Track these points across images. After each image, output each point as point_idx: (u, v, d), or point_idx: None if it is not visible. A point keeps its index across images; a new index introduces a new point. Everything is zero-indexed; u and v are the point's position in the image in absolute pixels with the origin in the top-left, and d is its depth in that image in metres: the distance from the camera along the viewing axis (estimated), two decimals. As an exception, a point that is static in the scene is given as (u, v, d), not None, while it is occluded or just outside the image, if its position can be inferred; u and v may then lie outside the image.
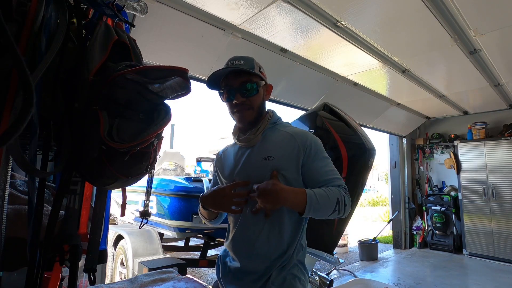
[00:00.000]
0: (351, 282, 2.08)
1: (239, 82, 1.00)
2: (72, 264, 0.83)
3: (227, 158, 1.14)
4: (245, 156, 1.05)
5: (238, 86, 1.00)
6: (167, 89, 0.80)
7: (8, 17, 0.63)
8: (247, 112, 1.02)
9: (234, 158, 1.09)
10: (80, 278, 1.43)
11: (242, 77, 1.00)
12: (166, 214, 3.25)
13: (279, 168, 0.97)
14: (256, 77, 1.02)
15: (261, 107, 1.06)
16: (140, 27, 1.97)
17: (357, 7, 2.10)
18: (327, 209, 0.92)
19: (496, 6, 2.10)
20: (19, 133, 0.51)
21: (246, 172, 1.02)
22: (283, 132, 1.06)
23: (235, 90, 1.00)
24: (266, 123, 1.06)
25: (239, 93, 0.99)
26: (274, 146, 1.02)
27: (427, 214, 5.64)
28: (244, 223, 1.01)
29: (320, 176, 0.99)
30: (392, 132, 5.80)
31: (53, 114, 0.72)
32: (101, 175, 0.78)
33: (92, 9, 0.90)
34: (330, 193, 0.93)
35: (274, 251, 0.97)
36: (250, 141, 1.03)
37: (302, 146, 1.00)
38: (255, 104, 1.02)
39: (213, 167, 1.24)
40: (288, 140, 1.02)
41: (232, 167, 1.08)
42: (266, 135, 1.06)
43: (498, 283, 3.78)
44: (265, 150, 1.02)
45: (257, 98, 1.03)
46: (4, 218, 0.63)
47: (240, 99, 0.99)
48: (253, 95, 1.01)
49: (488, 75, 3.44)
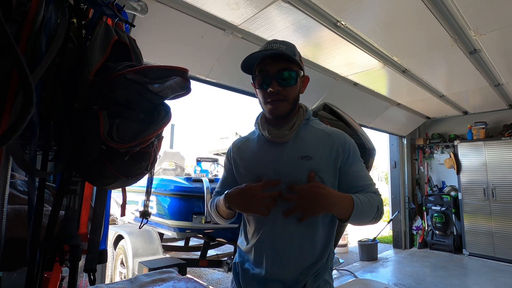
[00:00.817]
0: (351, 282, 2.08)
1: (277, 69, 0.89)
2: (72, 264, 0.83)
3: (248, 151, 1.02)
4: (275, 153, 0.94)
5: (275, 73, 0.89)
6: (167, 89, 0.80)
7: (8, 17, 0.63)
8: (281, 103, 0.91)
9: (260, 152, 0.98)
10: (80, 278, 1.43)
11: (281, 64, 0.89)
12: (166, 214, 3.25)
13: (317, 170, 0.89)
14: (296, 65, 0.91)
15: (296, 100, 0.95)
16: (140, 27, 1.97)
17: (357, 7, 2.10)
18: (368, 217, 0.88)
19: (496, 6, 2.10)
20: (19, 133, 0.51)
21: (277, 171, 0.92)
22: (318, 130, 0.97)
23: (272, 77, 0.89)
24: (302, 119, 0.96)
25: (275, 81, 0.88)
26: (311, 145, 0.92)
27: (427, 214, 5.64)
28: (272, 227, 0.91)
29: (357, 181, 0.93)
30: (392, 132, 5.80)
31: (53, 114, 0.72)
32: (101, 175, 0.78)
33: (92, 9, 0.90)
34: (372, 200, 0.88)
35: (307, 258, 0.90)
36: (285, 136, 0.93)
37: (341, 147, 0.92)
38: (290, 96, 0.92)
39: (226, 159, 1.11)
40: (326, 140, 0.93)
41: (256, 162, 0.97)
42: (300, 131, 0.96)
43: (498, 283, 3.78)
44: (301, 148, 0.92)
45: (294, 89, 0.92)
46: (4, 218, 0.63)
47: (276, 87, 0.88)
48: (290, 85, 0.90)
49: (488, 75, 3.44)
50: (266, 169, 0.94)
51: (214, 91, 18.46)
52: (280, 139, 0.93)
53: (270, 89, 0.88)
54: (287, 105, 0.92)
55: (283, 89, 0.89)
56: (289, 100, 0.92)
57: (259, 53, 0.90)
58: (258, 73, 0.92)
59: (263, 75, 0.90)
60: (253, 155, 1.00)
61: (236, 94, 3.15)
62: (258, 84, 0.93)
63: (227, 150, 1.12)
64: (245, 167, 1.00)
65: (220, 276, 4.29)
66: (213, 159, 5.22)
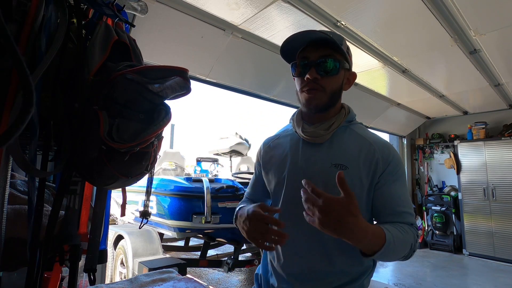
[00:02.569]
0: (351, 282, 2.07)
1: (318, 55, 0.80)
2: (72, 264, 0.83)
3: (279, 150, 0.92)
4: (308, 155, 0.85)
5: (316, 59, 0.80)
6: (167, 89, 0.80)
7: (8, 17, 0.63)
8: (317, 93, 0.81)
9: (291, 151, 0.88)
10: (80, 278, 1.43)
11: (324, 50, 0.80)
12: (166, 214, 3.25)
13: (351, 184, 0.71)
14: (341, 55, 0.83)
15: (335, 95, 0.84)
16: (140, 27, 1.97)
17: (357, 7, 2.10)
18: (397, 255, 0.73)
19: (496, 6, 2.10)
20: (19, 133, 0.51)
21: (305, 175, 0.80)
22: (360, 136, 0.85)
23: (311, 64, 0.80)
24: (342, 120, 0.86)
25: (314, 68, 0.79)
26: (349, 152, 0.81)
27: (427, 214, 5.64)
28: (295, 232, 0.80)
29: (393, 204, 0.78)
30: (392, 132, 5.80)
31: (53, 114, 0.72)
32: (101, 175, 0.78)
33: (92, 9, 0.90)
34: (407, 237, 0.73)
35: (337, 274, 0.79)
36: (320, 136, 0.83)
37: (383, 160, 0.79)
38: (329, 87, 0.81)
39: (256, 159, 1.02)
40: (367, 149, 0.81)
41: (286, 162, 0.87)
42: (338, 134, 0.85)
43: (498, 283, 3.78)
44: (336, 154, 0.81)
45: (334, 80, 0.82)
46: (4, 218, 0.63)
47: (314, 75, 0.79)
48: (330, 74, 0.80)
49: (488, 75, 3.44)
50: (296, 172, 0.84)
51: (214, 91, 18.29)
52: (315, 139, 0.84)
53: (307, 76, 0.79)
54: (323, 96, 0.81)
55: (322, 78, 0.80)
56: (327, 92, 0.81)
57: (300, 34, 0.81)
58: (298, 60, 0.84)
59: (303, 62, 0.82)
60: (284, 155, 0.90)
61: (236, 94, 3.15)
62: (297, 72, 0.84)
63: (258, 150, 1.03)
64: (274, 168, 0.91)
65: (220, 276, 4.29)
66: (213, 159, 5.22)
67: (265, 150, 0.98)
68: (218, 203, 3.11)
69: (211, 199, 3.01)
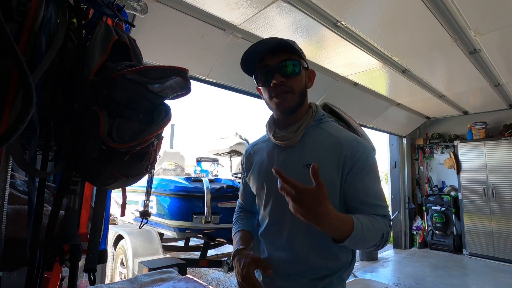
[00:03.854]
0: (351, 282, 2.08)
1: (278, 61, 0.84)
2: (72, 264, 0.83)
3: (258, 156, 0.97)
4: (282, 158, 0.88)
5: (277, 65, 0.84)
6: (167, 89, 0.80)
7: (8, 17, 0.63)
8: (287, 95, 0.84)
9: (268, 157, 0.93)
10: (80, 278, 1.43)
11: (282, 55, 0.84)
12: (166, 214, 3.25)
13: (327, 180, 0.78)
14: (298, 56, 0.87)
15: (303, 93, 0.88)
16: (140, 27, 1.97)
17: (357, 7, 2.10)
18: (368, 243, 0.75)
19: (496, 6, 2.10)
20: (19, 133, 0.51)
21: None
22: (329, 134, 0.88)
23: (274, 70, 0.84)
24: (310, 120, 0.89)
25: (278, 73, 0.83)
26: (318, 152, 0.84)
27: (427, 214, 5.64)
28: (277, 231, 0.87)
29: (363, 196, 0.80)
30: (392, 132, 5.80)
31: (53, 114, 0.72)
32: (101, 175, 0.78)
33: (92, 9, 0.90)
34: (377, 226, 0.75)
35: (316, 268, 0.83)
36: (289, 140, 0.86)
37: (351, 156, 0.81)
38: (296, 87, 0.85)
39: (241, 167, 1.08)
40: (336, 146, 0.84)
41: (264, 167, 0.92)
42: (308, 134, 0.88)
43: (498, 283, 3.78)
44: (307, 155, 0.84)
45: (299, 79, 0.86)
46: (4, 218, 0.63)
47: (280, 78, 0.83)
48: (294, 75, 0.84)
49: (488, 75, 3.44)
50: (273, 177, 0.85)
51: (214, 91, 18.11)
52: (286, 142, 0.87)
53: (273, 81, 0.83)
54: (293, 97, 0.85)
55: (287, 80, 0.84)
56: (295, 92, 0.85)
57: (256, 46, 0.85)
58: (260, 70, 0.87)
59: (265, 70, 0.86)
60: (261, 161, 0.95)
61: (236, 94, 3.15)
62: (261, 81, 0.87)
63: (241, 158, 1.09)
64: (255, 174, 0.96)
65: (220, 276, 4.29)
66: (213, 159, 5.22)
67: (246, 157, 1.03)
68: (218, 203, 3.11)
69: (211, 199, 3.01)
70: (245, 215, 1.09)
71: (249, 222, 1.05)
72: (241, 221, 1.06)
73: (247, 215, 1.09)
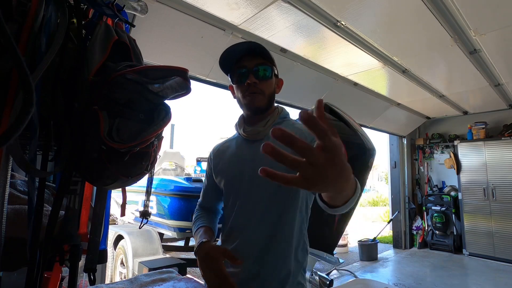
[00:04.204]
0: (351, 282, 2.08)
1: (254, 64, 0.94)
2: (72, 264, 0.83)
3: (227, 152, 1.05)
4: (252, 151, 0.96)
5: (253, 67, 0.94)
6: (167, 89, 0.80)
7: (8, 17, 0.63)
8: (258, 96, 0.95)
9: (238, 152, 1.00)
10: (80, 278, 1.43)
11: (258, 59, 0.95)
12: (166, 214, 3.25)
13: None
14: (271, 63, 0.97)
15: (272, 96, 0.99)
16: (140, 27, 1.97)
17: (357, 7, 2.10)
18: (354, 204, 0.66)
19: (496, 6, 2.10)
20: (19, 133, 0.51)
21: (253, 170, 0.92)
22: (292, 127, 0.99)
23: (249, 71, 0.93)
24: (276, 117, 1.00)
25: (253, 74, 0.93)
26: None
27: (427, 214, 5.64)
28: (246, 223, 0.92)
29: None
30: (392, 132, 5.80)
31: (53, 114, 0.72)
32: (101, 175, 0.78)
33: (92, 9, 0.90)
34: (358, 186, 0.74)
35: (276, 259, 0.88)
36: (259, 133, 0.96)
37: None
38: (267, 90, 0.96)
39: (207, 165, 1.13)
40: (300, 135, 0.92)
41: (235, 161, 0.99)
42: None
43: (498, 283, 3.78)
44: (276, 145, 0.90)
45: (270, 84, 0.97)
46: (4, 218, 0.63)
47: (253, 79, 0.92)
48: (266, 79, 0.95)
49: (488, 75, 3.44)
50: (244, 167, 0.95)
51: (214, 91, 17.99)
52: (255, 136, 0.97)
53: (248, 81, 0.92)
54: (263, 99, 0.95)
55: (260, 82, 0.94)
56: (265, 94, 0.95)
57: (236, 46, 0.94)
58: (236, 70, 0.96)
59: (241, 70, 0.94)
60: (232, 155, 1.02)
61: (236, 94, 3.14)
62: (236, 80, 0.96)
63: (208, 157, 1.14)
64: (224, 169, 1.02)
65: (220, 276, 4.28)
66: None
67: (214, 155, 1.09)
68: (218, 203, 3.10)
69: (211, 199, 3.01)
70: (206, 213, 1.10)
71: (210, 220, 1.07)
72: (203, 219, 1.06)
73: (208, 214, 1.10)
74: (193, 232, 1.03)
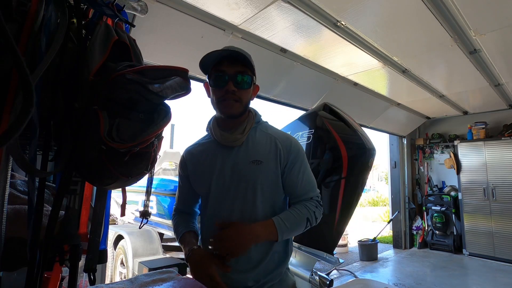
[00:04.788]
0: (351, 282, 2.07)
1: (234, 70, 0.93)
2: (72, 264, 0.83)
3: (202, 156, 1.05)
4: (230, 157, 0.99)
5: (233, 74, 0.93)
6: (167, 89, 0.80)
7: (8, 17, 0.63)
8: (235, 104, 0.95)
9: (213, 156, 1.01)
10: (80, 278, 1.43)
11: (238, 67, 0.94)
12: (166, 214, 3.25)
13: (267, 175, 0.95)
14: (251, 71, 0.97)
15: (248, 104, 1.00)
16: (140, 27, 1.97)
17: (357, 7, 2.10)
18: (298, 230, 0.95)
19: (496, 6, 2.10)
20: (19, 133, 0.51)
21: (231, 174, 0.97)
22: (266, 134, 1.02)
23: (229, 78, 0.93)
24: (252, 123, 1.01)
25: (232, 82, 0.92)
26: (260, 149, 0.98)
27: (427, 214, 5.64)
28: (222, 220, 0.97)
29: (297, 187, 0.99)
30: (392, 132, 5.80)
31: (53, 114, 0.72)
32: (101, 175, 0.78)
33: (92, 9, 0.90)
34: (299, 214, 0.94)
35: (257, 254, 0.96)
36: (237, 140, 0.97)
37: (285, 151, 0.98)
38: (244, 98, 0.96)
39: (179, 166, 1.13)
40: (273, 145, 0.99)
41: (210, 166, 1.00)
42: (250, 135, 1.00)
43: (498, 283, 3.78)
44: (251, 152, 0.97)
45: (248, 92, 0.97)
46: (4, 218, 0.63)
47: (232, 87, 0.92)
48: (245, 88, 0.95)
49: (488, 75, 3.44)
50: (222, 172, 0.98)
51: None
52: (233, 143, 0.98)
53: (226, 88, 0.92)
54: (240, 107, 0.96)
55: (238, 90, 0.93)
56: (242, 102, 0.96)
57: (219, 52, 0.93)
58: (215, 73, 0.95)
59: (220, 75, 0.94)
60: (207, 159, 1.02)
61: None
62: (214, 83, 0.96)
63: (180, 159, 1.13)
64: (200, 172, 1.03)
65: (220, 276, 4.28)
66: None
67: (188, 159, 1.08)
68: (218, 203, 3.10)
69: (211, 199, 3.00)
70: (185, 217, 1.12)
71: (192, 225, 1.10)
72: (185, 224, 1.09)
73: (186, 218, 1.12)
74: (177, 238, 1.08)
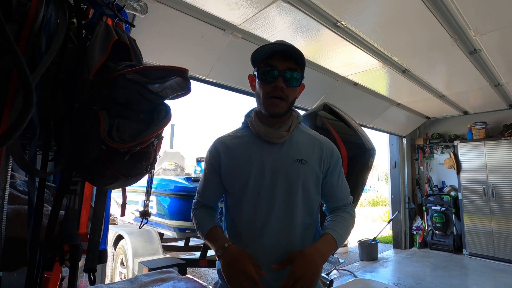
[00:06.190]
0: (351, 282, 2.07)
1: (286, 66, 0.89)
2: (72, 264, 0.83)
3: (238, 149, 0.97)
4: (272, 153, 0.94)
5: (284, 70, 0.89)
6: (167, 89, 0.80)
7: (8, 17, 0.63)
8: (281, 102, 0.90)
9: (252, 153, 0.95)
10: (80, 278, 1.43)
11: (290, 63, 0.90)
12: (166, 214, 3.25)
13: (310, 175, 0.93)
14: (301, 69, 0.94)
15: (293, 103, 0.96)
16: (140, 27, 1.97)
17: (357, 7, 2.10)
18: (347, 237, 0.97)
19: (496, 6, 2.10)
20: (19, 133, 0.51)
21: (274, 171, 0.91)
22: (309, 135, 1.01)
23: (279, 73, 0.88)
24: (297, 121, 0.98)
25: (282, 78, 0.88)
26: (305, 149, 0.95)
27: (427, 214, 5.64)
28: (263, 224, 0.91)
29: (337, 191, 1.00)
30: (392, 132, 5.80)
31: (53, 114, 0.72)
32: (101, 175, 0.78)
33: (92, 9, 0.90)
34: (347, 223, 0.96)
35: None
36: (283, 137, 0.93)
37: (329, 156, 0.97)
38: (291, 97, 0.92)
39: (209, 156, 1.01)
40: (318, 147, 0.97)
41: (249, 164, 0.93)
42: (293, 134, 0.97)
43: (498, 283, 3.78)
44: (296, 151, 0.94)
45: (295, 91, 0.93)
46: (4, 218, 0.63)
47: (282, 84, 0.88)
48: (294, 85, 0.91)
49: (488, 75, 3.44)
50: (262, 168, 0.92)
51: (214, 91, 18.12)
52: (277, 139, 0.94)
53: (275, 84, 0.88)
54: (285, 105, 0.92)
55: (287, 88, 0.89)
56: (288, 101, 0.92)
57: (272, 45, 0.90)
58: (264, 67, 0.90)
59: (271, 69, 0.89)
60: (245, 154, 0.95)
61: (236, 94, 3.15)
62: (263, 77, 0.90)
63: (210, 149, 1.02)
64: (235, 167, 0.95)
65: (220, 276, 4.28)
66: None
67: (223, 151, 0.98)
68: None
69: (211, 199, 3.00)
70: (209, 212, 1.04)
71: (216, 220, 1.02)
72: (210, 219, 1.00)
73: (210, 212, 1.04)
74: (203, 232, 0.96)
